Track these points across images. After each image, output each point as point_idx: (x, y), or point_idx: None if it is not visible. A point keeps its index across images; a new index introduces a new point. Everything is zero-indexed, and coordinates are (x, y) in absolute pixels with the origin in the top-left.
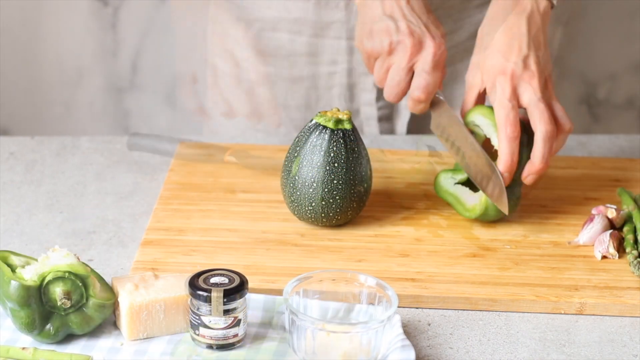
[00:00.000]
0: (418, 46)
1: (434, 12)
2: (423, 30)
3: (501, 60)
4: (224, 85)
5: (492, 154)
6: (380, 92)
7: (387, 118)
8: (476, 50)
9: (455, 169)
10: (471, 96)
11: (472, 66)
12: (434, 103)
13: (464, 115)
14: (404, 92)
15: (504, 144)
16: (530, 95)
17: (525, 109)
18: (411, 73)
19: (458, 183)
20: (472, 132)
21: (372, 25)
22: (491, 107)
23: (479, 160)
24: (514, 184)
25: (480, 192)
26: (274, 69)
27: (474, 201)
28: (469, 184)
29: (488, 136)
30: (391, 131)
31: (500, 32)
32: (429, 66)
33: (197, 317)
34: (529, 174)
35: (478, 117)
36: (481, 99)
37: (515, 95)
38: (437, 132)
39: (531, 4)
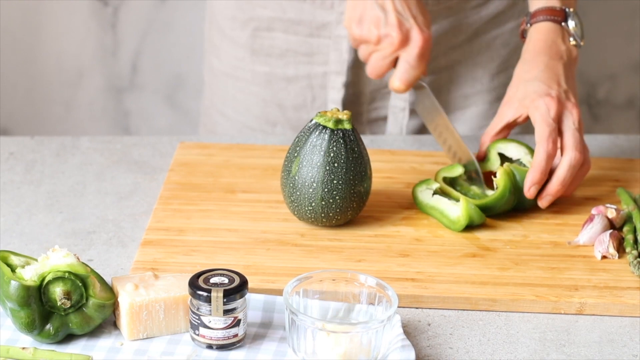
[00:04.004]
0: (405, 41)
1: (429, 12)
2: (411, 23)
3: (545, 87)
4: (220, 84)
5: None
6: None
7: (383, 118)
8: (513, 85)
9: (428, 179)
10: (498, 125)
11: (508, 99)
12: (417, 87)
13: (484, 142)
14: (385, 73)
15: (541, 157)
16: (570, 124)
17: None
18: (395, 61)
19: (435, 193)
20: (489, 160)
21: (362, 11)
22: (518, 141)
23: (459, 149)
24: (527, 204)
25: (461, 201)
26: (269, 68)
27: (457, 212)
28: (445, 193)
29: (515, 158)
30: (390, 131)
31: (541, 70)
32: (413, 59)
33: (197, 317)
34: (546, 195)
35: (508, 145)
36: (506, 130)
37: (558, 118)
38: (422, 114)
39: (567, 53)
